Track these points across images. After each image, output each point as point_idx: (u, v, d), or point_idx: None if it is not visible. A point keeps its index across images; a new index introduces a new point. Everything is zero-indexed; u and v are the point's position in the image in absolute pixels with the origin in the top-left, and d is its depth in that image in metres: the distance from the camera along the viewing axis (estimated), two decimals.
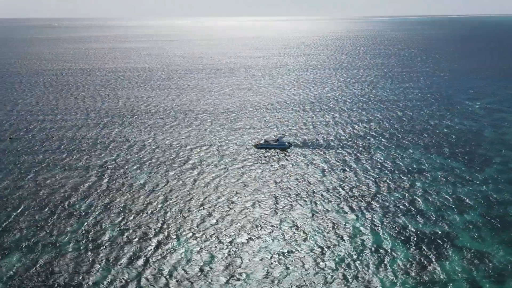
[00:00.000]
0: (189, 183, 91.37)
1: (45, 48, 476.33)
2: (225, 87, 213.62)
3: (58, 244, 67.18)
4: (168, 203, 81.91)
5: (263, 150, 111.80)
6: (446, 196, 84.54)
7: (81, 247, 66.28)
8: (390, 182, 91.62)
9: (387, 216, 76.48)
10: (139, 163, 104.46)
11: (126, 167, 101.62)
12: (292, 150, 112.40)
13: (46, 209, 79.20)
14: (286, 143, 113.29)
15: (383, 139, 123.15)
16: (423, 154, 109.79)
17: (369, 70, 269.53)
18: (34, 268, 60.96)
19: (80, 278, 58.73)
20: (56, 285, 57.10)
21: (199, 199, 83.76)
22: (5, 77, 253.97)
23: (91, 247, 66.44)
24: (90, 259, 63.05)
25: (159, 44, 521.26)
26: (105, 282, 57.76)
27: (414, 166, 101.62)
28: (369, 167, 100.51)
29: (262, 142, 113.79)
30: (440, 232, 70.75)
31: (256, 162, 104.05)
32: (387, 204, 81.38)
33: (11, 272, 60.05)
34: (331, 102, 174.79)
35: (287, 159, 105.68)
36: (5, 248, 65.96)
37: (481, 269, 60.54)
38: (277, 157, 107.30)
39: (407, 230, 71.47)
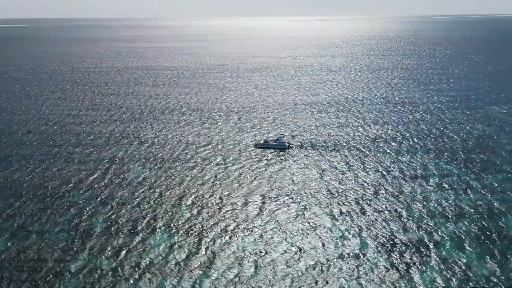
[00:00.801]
0: (185, 180, 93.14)
1: (84, 47, 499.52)
2: (244, 86, 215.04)
3: (48, 233, 70.94)
4: (161, 198, 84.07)
5: (261, 150, 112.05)
6: (443, 204, 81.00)
7: (70, 236, 69.64)
8: (387, 187, 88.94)
9: (375, 221, 74.45)
10: (144, 159, 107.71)
11: (131, 162, 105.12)
12: (291, 151, 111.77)
13: (47, 199, 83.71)
14: (286, 144, 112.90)
15: (392, 143, 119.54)
16: (432, 160, 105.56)
17: (396, 72, 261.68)
18: (23, 253, 64.87)
19: (64, 264, 61.83)
20: (42, 270, 60.48)
21: (190, 195, 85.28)
22: (42, 74, 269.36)
23: (79, 236, 69.65)
24: (77, 248, 66.19)
25: (191, 44, 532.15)
26: (86, 270, 60.46)
27: (419, 171, 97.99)
28: (369, 171, 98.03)
29: (262, 142, 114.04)
30: (426, 240, 68.04)
31: (253, 161, 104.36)
32: (379, 209, 79.14)
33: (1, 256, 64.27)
34: (348, 104, 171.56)
35: (283, 159, 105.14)
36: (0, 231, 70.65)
37: (458, 280, 57.74)
38: (274, 157, 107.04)
39: (393, 237, 69.29)
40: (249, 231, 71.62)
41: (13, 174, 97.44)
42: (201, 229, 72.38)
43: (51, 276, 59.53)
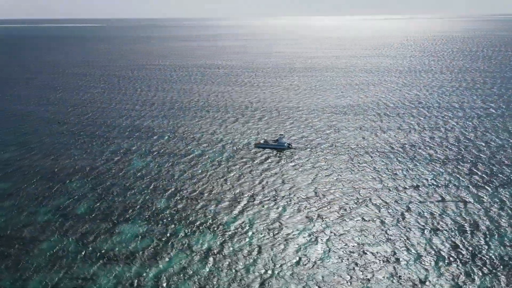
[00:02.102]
0: (180, 174, 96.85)
1: (146, 45, 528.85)
2: (283, 86, 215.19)
3: (38, 213, 78.16)
4: (155, 189, 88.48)
5: (261, 150, 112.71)
6: (434, 215, 76.25)
7: (55, 219, 76.21)
8: (383, 194, 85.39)
9: (353, 230, 72.27)
10: (159, 152, 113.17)
11: (140, 154, 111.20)
12: (289, 152, 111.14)
13: (50, 184, 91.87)
14: (285, 144, 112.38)
15: (410, 150, 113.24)
16: (444, 170, 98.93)
17: (444, 74, 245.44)
18: (6, 229, 72.45)
19: (38, 243, 68.16)
20: (15, 246, 67.30)
21: (177, 189, 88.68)
22: (94, 69, 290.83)
23: (64, 219, 76.02)
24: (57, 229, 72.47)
25: (250, 43, 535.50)
26: (56, 250, 66.21)
27: (422, 181, 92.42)
28: (369, 177, 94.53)
29: (262, 141, 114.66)
30: (399, 252, 64.87)
31: (248, 160, 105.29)
32: (364, 217, 76.53)
33: None
34: (377, 107, 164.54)
35: (278, 159, 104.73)
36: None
37: None
38: (271, 156, 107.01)
39: (388, 240, 66.96)
40: (220, 227, 73.30)
41: (29, 158, 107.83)
42: (178, 219, 75.36)
43: (23, 252, 65.98)
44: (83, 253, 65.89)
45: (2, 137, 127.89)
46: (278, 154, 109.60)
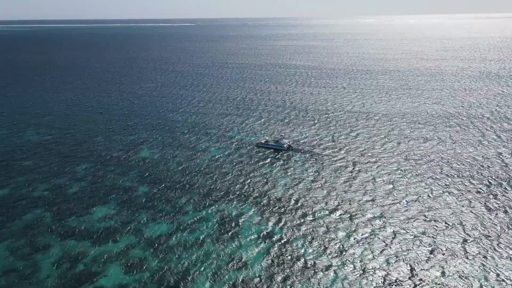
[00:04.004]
0: (176, 165, 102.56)
1: (231, 44, 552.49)
2: (354, 89, 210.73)
3: (37, 193, 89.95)
4: (145, 176, 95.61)
5: (261, 149, 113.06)
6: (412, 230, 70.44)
7: (48, 198, 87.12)
8: (373, 205, 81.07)
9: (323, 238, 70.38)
10: (170, 144, 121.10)
11: (151, 146, 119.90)
12: (287, 153, 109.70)
13: (61, 166, 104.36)
14: (285, 145, 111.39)
15: (414, 162, 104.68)
16: (448, 189, 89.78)
17: None
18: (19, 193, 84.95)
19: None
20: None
21: (166, 178, 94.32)
22: (166, 65, 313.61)
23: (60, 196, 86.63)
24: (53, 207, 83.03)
25: (341, 43, 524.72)
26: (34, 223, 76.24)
27: (421, 195, 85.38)
28: (361, 187, 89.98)
29: (263, 141, 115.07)
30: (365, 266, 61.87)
31: (246, 159, 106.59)
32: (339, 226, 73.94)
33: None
34: (418, 117, 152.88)
35: (273, 159, 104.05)
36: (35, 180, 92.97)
37: None
38: (268, 156, 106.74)
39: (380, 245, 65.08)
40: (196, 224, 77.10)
41: (60, 142, 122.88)
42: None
43: (4, 217, 77.15)
44: (53, 227, 74.72)
45: (49, 123, 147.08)
46: (276, 155, 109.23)
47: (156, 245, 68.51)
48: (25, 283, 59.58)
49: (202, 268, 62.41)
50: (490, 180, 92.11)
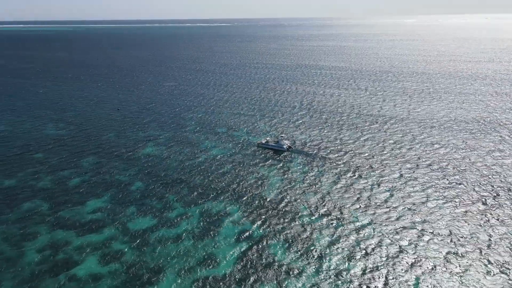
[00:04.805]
0: (177, 163, 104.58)
1: (262, 44, 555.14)
2: (376, 91, 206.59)
3: (41, 184, 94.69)
4: (142, 171, 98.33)
5: (261, 149, 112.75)
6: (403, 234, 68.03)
7: (49, 189, 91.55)
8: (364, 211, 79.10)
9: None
10: (177, 142, 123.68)
11: (158, 143, 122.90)
12: (288, 154, 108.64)
13: (69, 159, 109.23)
14: (285, 146, 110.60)
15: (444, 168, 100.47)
16: (443, 195, 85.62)
17: None
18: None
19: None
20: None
21: (162, 173, 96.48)
22: (194, 64, 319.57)
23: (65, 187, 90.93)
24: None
25: (374, 44, 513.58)
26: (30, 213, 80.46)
27: (418, 202, 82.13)
28: (343, 188, 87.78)
29: (263, 142, 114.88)
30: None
31: (245, 158, 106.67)
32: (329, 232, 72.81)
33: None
34: (454, 122, 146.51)
35: (269, 159, 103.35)
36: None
37: None
38: (266, 156, 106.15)
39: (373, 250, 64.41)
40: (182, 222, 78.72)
41: (74, 136, 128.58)
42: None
43: (4, 205, 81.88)
44: (46, 217, 78.51)
45: (69, 118, 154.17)
46: (275, 156, 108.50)
47: (137, 239, 70.31)
48: (7, 265, 63.16)
49: (174, 264, 63.36)
50: (499, 192, 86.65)
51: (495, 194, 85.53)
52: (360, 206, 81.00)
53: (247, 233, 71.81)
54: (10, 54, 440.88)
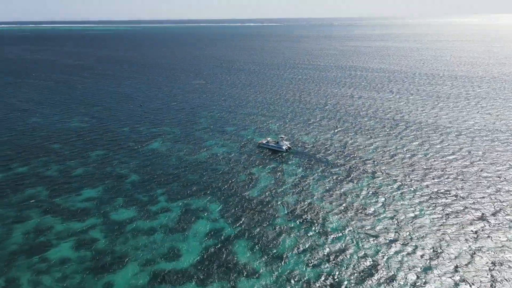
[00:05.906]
0: (175, 160, 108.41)
1: (306, 44, 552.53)
2: (403, 94, 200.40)
3: (48, 172, 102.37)
4: (143, 166, 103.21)
5: (261, 149, 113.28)
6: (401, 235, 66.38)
7: (53, 178, 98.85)
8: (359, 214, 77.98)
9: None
10: (184, 139, 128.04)
11: (165, 139, 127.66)
12: (286, 155, 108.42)
13: (79, 152, 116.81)
14: (284, 147, 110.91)
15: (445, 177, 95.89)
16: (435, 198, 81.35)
17: None
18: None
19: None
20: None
21: (159, 169, 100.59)
22: (235, 65, 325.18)
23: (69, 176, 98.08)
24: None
25: (420, 45, 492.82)
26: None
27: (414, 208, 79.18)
28: (336, 193, 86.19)
29: (264, 142, 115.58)
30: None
31: (244, 158, 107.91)
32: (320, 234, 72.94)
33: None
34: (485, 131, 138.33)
35: (268, 159, 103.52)
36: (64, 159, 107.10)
37: None
38: (264, 156, 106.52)
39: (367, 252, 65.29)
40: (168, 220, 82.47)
41: (92, 130, 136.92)
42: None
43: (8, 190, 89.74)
44: (42, 203, 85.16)
45: (94, 113, 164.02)
46: (273, 156, 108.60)
47: (113, 228, 74.34)
48: None
49: (139, 254, 66.35)
50: (501, 207, 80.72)
51: (497, 209, 79.68)
52: (339, 210, 79.29)
53: (218, 231, 73.19)
54: (81, 51, 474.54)
